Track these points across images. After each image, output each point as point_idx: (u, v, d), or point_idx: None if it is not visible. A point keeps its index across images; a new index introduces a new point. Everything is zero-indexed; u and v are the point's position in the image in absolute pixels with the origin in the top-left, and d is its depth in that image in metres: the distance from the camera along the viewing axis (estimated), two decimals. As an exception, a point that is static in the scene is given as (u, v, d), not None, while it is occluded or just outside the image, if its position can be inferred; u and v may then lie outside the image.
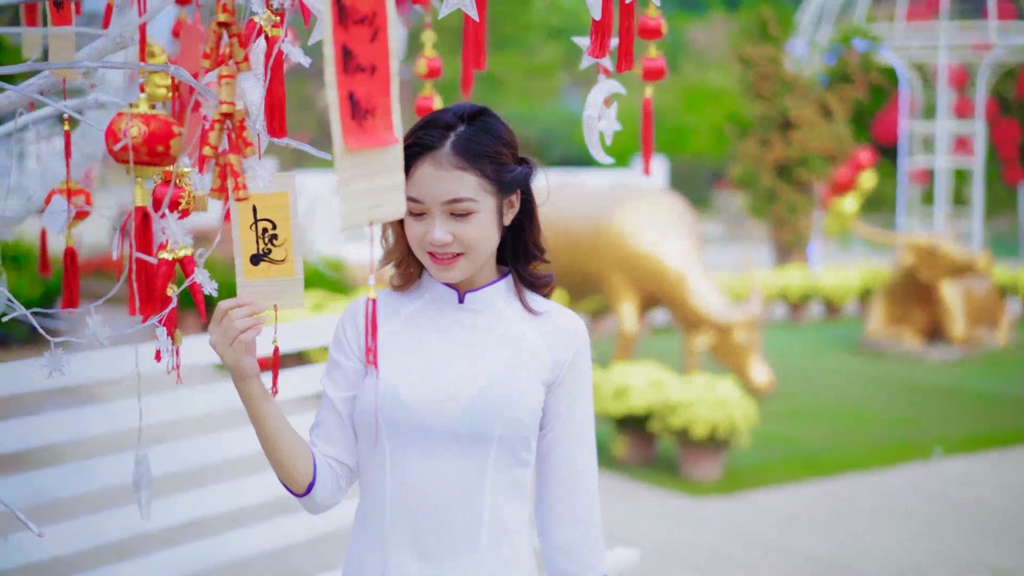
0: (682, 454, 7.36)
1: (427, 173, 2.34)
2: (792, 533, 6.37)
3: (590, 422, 2.51)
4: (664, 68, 3.49)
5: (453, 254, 2.35)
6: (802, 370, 11.20)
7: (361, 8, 1.80)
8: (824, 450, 8.24)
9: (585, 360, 2.48)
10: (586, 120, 3.05)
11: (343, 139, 1.78)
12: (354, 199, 1.81)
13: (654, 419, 7.29)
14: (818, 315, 15.06)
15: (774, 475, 7.55)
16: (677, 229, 9.29)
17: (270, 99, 2.16)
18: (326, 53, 1.77)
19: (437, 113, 2.41)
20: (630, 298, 9.39)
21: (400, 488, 2.40)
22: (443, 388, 2.38)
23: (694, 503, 6.89)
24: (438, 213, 2.34)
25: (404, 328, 2.47)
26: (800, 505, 6.93)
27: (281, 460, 2.37)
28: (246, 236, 2.36)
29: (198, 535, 3.83)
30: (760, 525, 6.51)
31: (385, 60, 1.84)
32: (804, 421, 9.08)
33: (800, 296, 14.46)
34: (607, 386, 7.49)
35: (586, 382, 2.50)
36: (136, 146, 1.83)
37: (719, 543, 6.19)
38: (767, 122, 16.25)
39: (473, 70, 3.34)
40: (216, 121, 1.89)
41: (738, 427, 7.12)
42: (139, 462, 1.82)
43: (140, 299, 1.86)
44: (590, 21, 2.70)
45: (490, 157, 2.37)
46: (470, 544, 2.39)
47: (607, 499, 6.88)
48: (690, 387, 7.25)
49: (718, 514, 6.70)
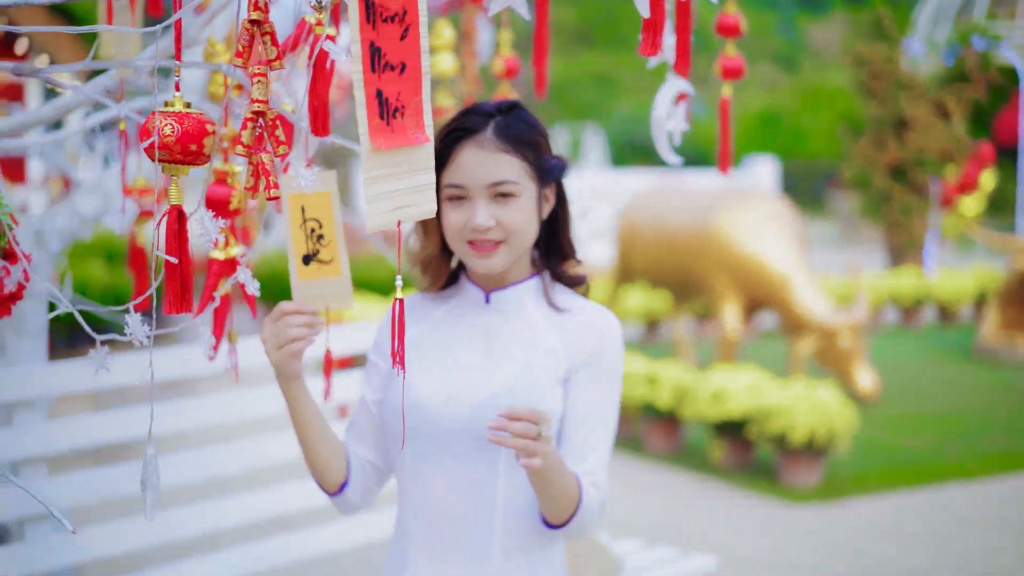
0: (780, 460, 7.24)
1: (470, 156, 2.34)
2: (889, 543, 6.22)
3: (604, 422, 2.43)
4: (743, 67, 3.43)
5: (494, 241, 2.35)
6: (911, 376, 10.96)
7: (391, 5, 1.77)
8: (929, 458, 8.03)
9: (605, 359, 2.42)
10: (654, 120, 3.01)
11: (370, 138, 1.76)
12: (382, 199, 1.79)
13: (751, 424, 7.19)
14: (931, 320, 14.73)
15: (875, 483, 7.38)
16: (781, 231, 9.17)
17: (313, 97, 2.15)
18: (352, 51, 1.75)
19: (476, 104, 2.43)
20: (733, 301, 9.28)
21: (419, 492, 2.40)
22: (456, 391, 2.36)
23: (790, 510, 6.77)
24: (481, 197, 2.34)
25: (431, 331, 2.46)
26: (900, 515, 6.77)
27: (316, 460, 2.41)
28: (297, 236, 2.37)
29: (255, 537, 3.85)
30: (857, 534, 6.37)
31: (416, 58, 1.82)
32: (909, 428, 8.87)
33: (912, 300, 14.16)
34: (704, 390, 7.40)
35: (603, 381, 2.43)
36: (169, 144, 1.82)
37: (812, 552, 6.07)
38: (881, 123, 15.97)
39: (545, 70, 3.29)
40: (248, 120, 1.88)
41: (837, 433, 6.99)
42: (147, 461, 1.81)
43: (172, 298, 1.85)
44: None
45: (530, 144, 2.39)
46: (483, 553, 2.37)
47: (701, 505, 6.84)
48: (788, 392, 7.13)
49: (814, 522, 6.57)
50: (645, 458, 7.93)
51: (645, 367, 7.95)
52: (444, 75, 3.55)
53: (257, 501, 3.69)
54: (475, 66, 4.56)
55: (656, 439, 8.01)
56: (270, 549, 3.68)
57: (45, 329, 3.62)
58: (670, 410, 7.76)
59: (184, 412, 3.55)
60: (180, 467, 3.52)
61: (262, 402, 3.71)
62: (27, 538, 3.19)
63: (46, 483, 3.23)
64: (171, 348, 3.49)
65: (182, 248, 1.87)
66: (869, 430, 8.27)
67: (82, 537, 3.28)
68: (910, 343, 13.06)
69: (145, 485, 1.82)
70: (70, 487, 3.29)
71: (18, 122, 2.79)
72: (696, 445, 8.11)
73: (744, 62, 3.44)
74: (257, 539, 3.71)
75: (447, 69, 3.53)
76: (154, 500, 1.78)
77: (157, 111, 1.85)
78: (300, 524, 4.01)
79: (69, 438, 3.28)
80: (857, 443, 7.70)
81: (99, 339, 2.11)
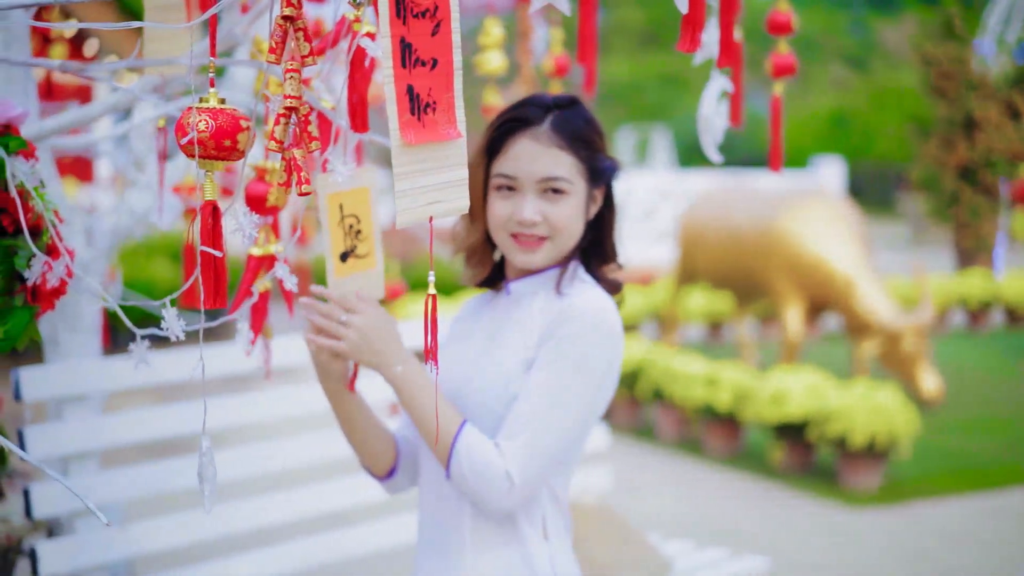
0: (840, 463, 7.18)
1: (525, 148, 2.33)
2: (951, 547, 6.14)
3: (553, 405, 2.28)
4: (794, 64, 3.41)
5: (539, 237, 2.34)
6: (976, 380, 10.81)
7: (421, 1, 1.78)
8: (993, 463, 7.92)
9: (565, 339, 2.30)
10: (701, 119, 3.00)
11: (400, 134, 1.77)
12: (412, 195, 1.79)
13: (811, 427, 7.13)
14: (999, 323, 14.52)
15: (938, 487, 7.29)
16: (845, 232, 9.09)
17: (352, 94, 2.16)
18: (382, 46, 1.75)
19: (535, 95, 2.41)
20: (796, 302, 9.21)
21: (422, 485, 2.44)
22: (445, 386, 2.39)
23: (849, 514, 6.70)
24: (530, 191, 2.33)
25: (461, 325, 2.48)
26: (962, 519, 6.68)
27: (363, 451, 2.44)
28: (335, 233, 2.38)
29: (304, 533, 3.87)
30: (917, 538, 6.29)
31: (448, 53, 1.82)
32: (974, 432, 8.75)
33: (980, 303, 13.97)
34: (764, 392, 7.36)
35: (558, 361, 2.29)
36: (203, 140, 1.83)
37: (870, 554, 6.00)
38: (950, 123, 15.79)
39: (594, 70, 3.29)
40: (281, 115, 1.89)
41: (899, 436, 6.92)
42: (203, 454, 1.82)
43: (206, 293, 1.87)
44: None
45: (586, 142, 2.37)
46: (457, 545, 2.38)
47: (759, 508, 6.79)
48: (848, 394, 7.06)
49: (873, 525, 6.50)
50: (704, 460, 7.89)
51: (705, 368, 7.91)
52: (493, 73, 3.54)
53: (307, 497, 3.71)
54: (530, 65, 4.55)
55: (715, 441, 7.97)
56: (320, 545, 3.70)
57: (98, 325, 3.66)
58: (730, 412, 7.72)
59: (235, 408, 3.57)
60: (231, 463, 3.55)
61: (313, 399, 3.73)
62: (78, 532, 3.23)
63: (97, 478, 3.27)
64: (224, 344, 3.52)
65: (216, 243, 1.88)
66: (932, 434, 8.17)
67: (133, 531, 3.31)
68: (976, 346, 12.89)
69: (202, 478, 1.84)
70: (122, 482, 3.32)
71: (68, 121, 2.83)
72: (756, 447, 8.06)
73: (795, 60, 3.42)
74: (307, 535, 3.74)
75: (496, 67, 3.52)
76: (211, 492, 1.80)
77: (192, 107, 1.87)
78: (350, 521, 4.03)
79: (121, 433, 3.32)
80: (919, 447, 7.62)
81: (140, 333, 2.13)
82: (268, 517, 3.60)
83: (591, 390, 2.31)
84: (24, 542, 3.57)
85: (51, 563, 3.14)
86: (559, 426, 2.28)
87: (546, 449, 2.26)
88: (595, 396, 2.33)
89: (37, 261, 2.15)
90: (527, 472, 2.25)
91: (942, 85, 15.88)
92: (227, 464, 3.52)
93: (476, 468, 2.25)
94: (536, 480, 2.28)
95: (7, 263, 2.18)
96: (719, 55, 2.45)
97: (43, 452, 3.11)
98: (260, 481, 3.85)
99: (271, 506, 3.62)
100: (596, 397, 2.34)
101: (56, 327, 3.55)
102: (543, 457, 2.26)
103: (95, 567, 3.23)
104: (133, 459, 3.87)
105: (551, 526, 2.39)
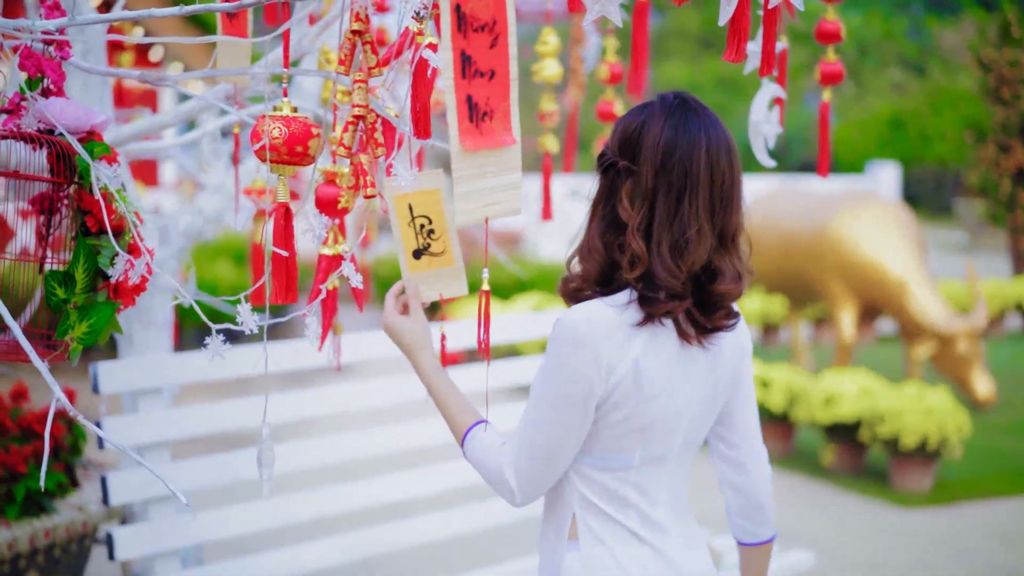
0: (892, 464, 7.24)
1: None
2: (1000, 546, 6.19)
3: (526, 411, 2.36)
4: (842, 72, 3.52)
5: None
6: (1031, 383, 10.81)
7: (481, 16, 1.90)
8: (1046, 465, 7.96)
9: (547, 350, 2.31)
10: (752, 125, 3.11)
11: (460, 140, 1.89)
12: (471, 197, 1.92)
13: (863, 428, 7.19)
14: (1055, 328, 14.47)
15: (989, 488, 7.33)
16: (899, 236, 9.13)
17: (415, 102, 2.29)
18: (443, 59, 1.88)
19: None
20: (849, 305, 9.27)
21: None
22: None
23: (900, 514, 6.76)
24: None
25: None
26: (1013, 519, 6.72)
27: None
28: (406, 233, 2.50)
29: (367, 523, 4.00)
30: (967, 537, 6.34)
31: (505, 65, 1.94)
32: (1026, 435, 8.79)
33: (1036, 307, 13.93)
34: (816, 393, 7.43)
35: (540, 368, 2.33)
36: (276, 146, 1.97)
37: (919, 553, 6.06)
38: (1007, 127, 15.72)
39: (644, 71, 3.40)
40: (349, 123, 2.02)
41: (950, 437, 6.97)
42: (262, 440, 1.96)
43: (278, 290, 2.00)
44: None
45: None
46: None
47: (810, 507, 6.85)
48: (900, 396, 7.12)
49: (923, 525, 6.55)
50: (757, 460, 7.94)
51: (757, 370, 7.98)
52: (549, 80, 3.65)
53: (370, 489, 3.84)
54: (583, 72, 4.66)
55: (768, 442, 8.03)
56: (381, 535, 3.83)
57: (170, 321, 3.81)
58: (782, 413, 7.79)
59: (300, 402, 3.70)
60: (296, 455, 3.68)
61: (376, 394, 3.86)
62: (151, 519, 3.37)
63: (169, 467, 3.41)
64: (291, 341, 3.64)
65: (288, 243, 2.02)
66: (984, 436, 8.20)
67: (202, 519, 3.45)
68: (1032, 350, 12.86)
69: (261, 463, 1.96)
70: (192, 471, 3.46)
71: (142, 128, 2.98)
72: (808, 448, 8.12)
73: (843, 68, 3.53)
74: (369, 525, 3.86)
75: (552, 75, 3.63)
76: (269, 476, 1.91)
77: (267, 115, 2.01)
78: (411, 512, 4.15)
79: (192, 425, 3.46)
80: (971, 448, 7.66)
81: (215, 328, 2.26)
82: (331, 507, 3.73)
83: (553, 389, 2.28)
84: (100, 529, 3.73)
85: (126, 548, 3.28)
86: (526, 428, 2.33)
87: (532, 448, 2.32)
88: (560, 392, 2.30)
89: (120, 260, 2.27)
90: (518, 469, 2.34)
91: (999, 89, 15.80)
92: (293, 456, 3.65)
93: (484, 462, 2.38)
94: (531, 477, 2.35)
95: (91, 261, 2.31)
96: (760, 64, 2.55)
97: (119, 443, 3.25)
98: (324, 473, 3.96)
99: (334, 497, 3.75)
100: (561, 392, 2.30)
101: (131, 324, 3.70)
102: (531, 456, 2.33)
103: (167, 552, 3.37)
104: (201, 451, 4.01)
105: (584, 529, 2.40)
